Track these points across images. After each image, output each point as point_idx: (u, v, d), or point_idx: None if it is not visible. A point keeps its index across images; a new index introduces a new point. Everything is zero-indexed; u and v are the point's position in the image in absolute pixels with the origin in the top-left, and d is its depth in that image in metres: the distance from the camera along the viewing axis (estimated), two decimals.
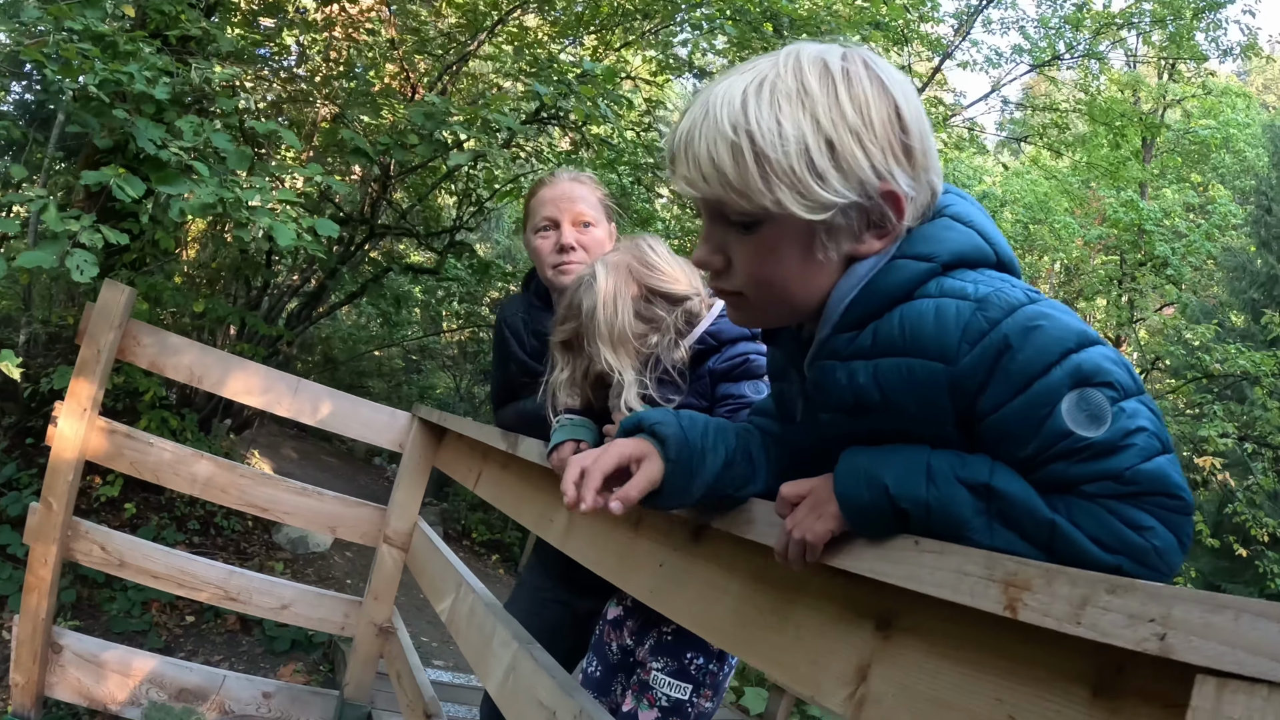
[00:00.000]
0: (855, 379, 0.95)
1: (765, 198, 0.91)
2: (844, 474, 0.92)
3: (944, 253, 0.95)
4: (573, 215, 2.11)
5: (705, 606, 1.26)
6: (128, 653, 3.21)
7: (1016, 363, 0.84)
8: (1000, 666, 0.82)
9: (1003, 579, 0.76)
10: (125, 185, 2.79)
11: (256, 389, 3.31)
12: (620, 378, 1.60)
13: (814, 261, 0.96)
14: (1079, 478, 0.82)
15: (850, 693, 0.97)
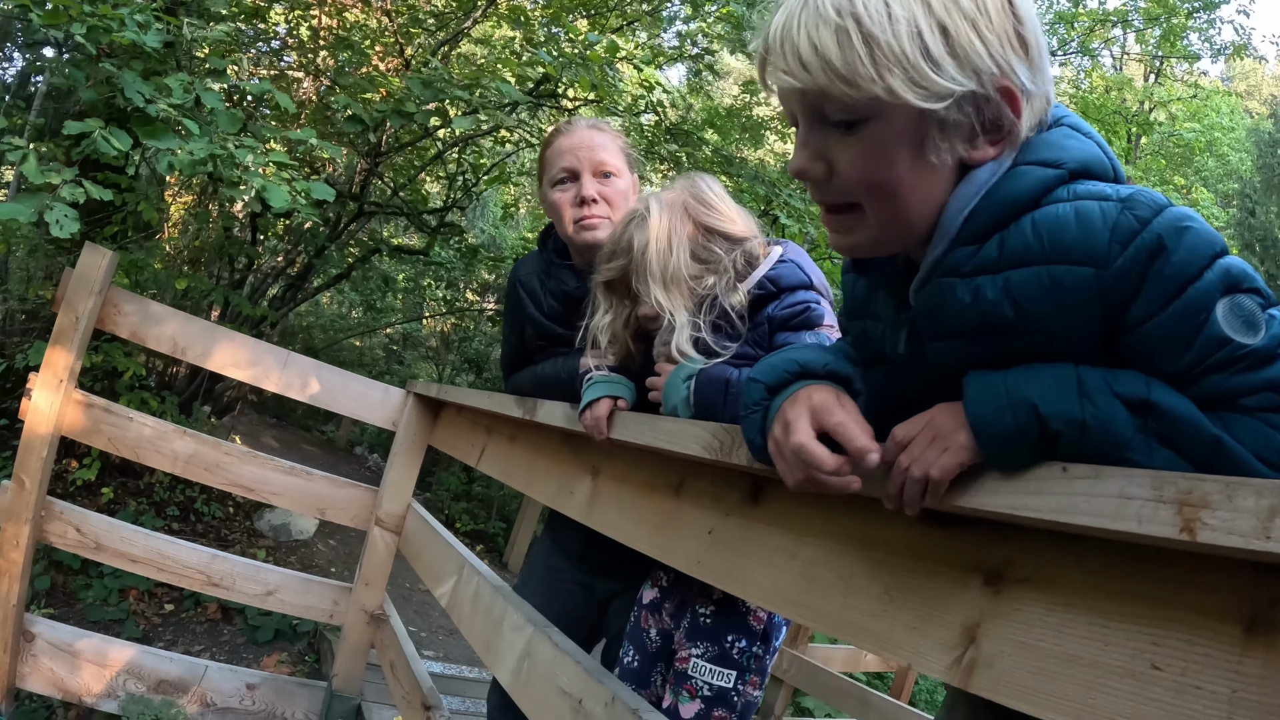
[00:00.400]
0: (982, 296, 0.85)
1: (876, 85, 0.83)
2: (979, 396, 0.79)
3: (1070, 160, 0.87)
4: (593, 165, 1.95)
5: (769, 574, 1.12)
6: (104, 642, 3.03)
7: (1171, 265, 0.77)
8: (1141, 614, 0.73)
9: (1176, 498, 0.66)
10: (110, 138, 2.61)
11: (244, 361, 3.14)
12: (671, 319, 1.47)
13: (926, 164, 0.87)
14: (1238, 389, 0.76)
15: (957, 657, 0.85)
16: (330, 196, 3.01)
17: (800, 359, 0.98)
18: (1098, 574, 0.77)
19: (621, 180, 1.98)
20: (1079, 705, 0.75)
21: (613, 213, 1.93)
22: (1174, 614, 0.71)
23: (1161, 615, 0.72)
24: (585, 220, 1.93)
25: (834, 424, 0.89)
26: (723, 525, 1.25)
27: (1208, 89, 13.44)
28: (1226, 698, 0.66)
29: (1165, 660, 0.70)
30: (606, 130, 2.01)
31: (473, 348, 11.96)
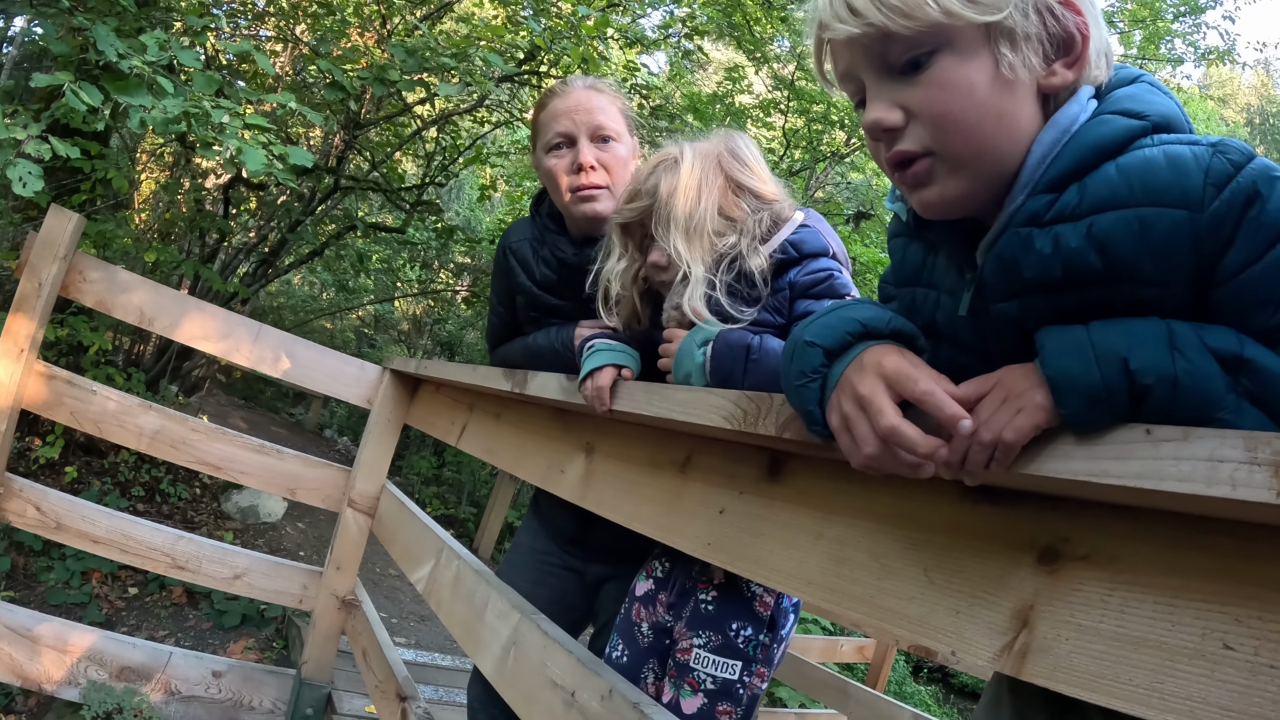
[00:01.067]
0: (1064, 244, 0.79)
1: (931, 9, 0.80)
2: (1059, 350, 0.72)
3: (1154, 113, 0.83)
4: (590, 129, 1.81)
5: (791, 556, 1.04)
6: (65, 626, 2.90)
7: (1267, 213, 0.72)
8: (1210, 590, 0.68)
9: (1273, 460, 0.59)
10: (80, 92, 2.47)
11: (214, 334, 3.02)
12: (687, 270, 1.39)
13: (1005, 83, 0.83)
14: None
15: (1008, 643, 0.79)
16: (309, 163, 2.89)
17: (861, 317, 0.87)
18: (1163, 549, 0.71)
19: (621, 145, 1.84)
20: (1146, 691, 0.69)
21: (612, 180, 1.81)
22: (1247, 590, 0.65)
23: (1233, 591, 0.66)
24: (582, 190, 1.80)
25: (921, 393, 0.77)
26: (736, 504, 1.17)
27: (1186, 94, 13.58)
28: None
29: (1238, 640, 0.65)
30: (605, 90, 1.87)
31: (445, 330, 11.82)
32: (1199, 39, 11.17)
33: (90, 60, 2.79)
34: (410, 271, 9.51)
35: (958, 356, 0.91)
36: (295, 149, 2.86)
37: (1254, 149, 0.76)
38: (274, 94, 3.09)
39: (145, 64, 2.76)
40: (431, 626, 5.12)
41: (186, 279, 5.79)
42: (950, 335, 0.92)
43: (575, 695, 1.35)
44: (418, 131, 6.54)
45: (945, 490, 0.87)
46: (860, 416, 0.81)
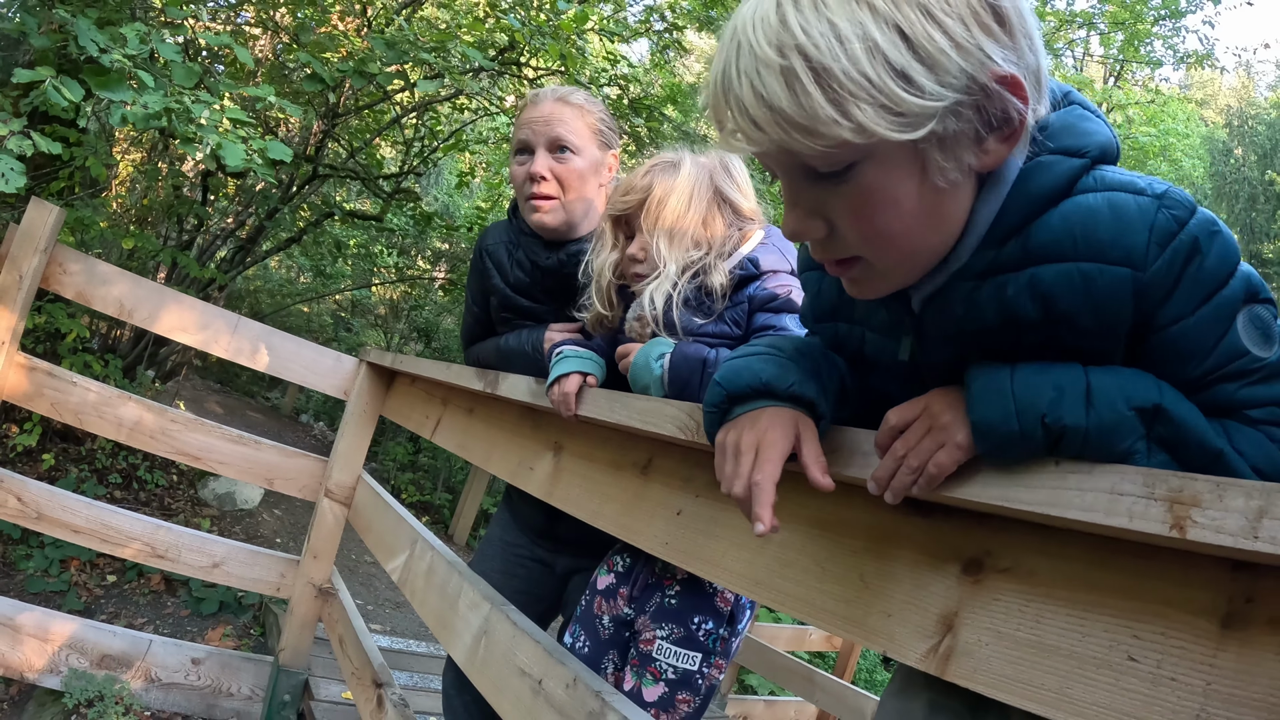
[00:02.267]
0: (1004, 295, 0.80)
1: (842, 127, 0.71)
2: (983, 395, 0.76)
3: (1093, 146, 0.81)
4: (549, 140, 1.86)
5: (741, 557, 1.11)
6: (46, 615, 2.93)
7: (1204, 270, 0.75)
8: (1120, 606, 0.74)
9: (1167, 496, 0.66)
10: (61, 88, 2.48)
11: (192, 325, 3.04)
12: (662, 269, 1.48)
13: (935, 191, 0.77)
14: (1246, 401, 0.76)
15: (934, 645, 0.85)
16: (287, 157, 2.91)
17: (765, 376, 0.93)
18: (1078, 566, 0.78)
19: (580, 158, 1.88)
20: (1056, 695, 0.75)
21: (564, 194, 1.87)
22: (1152, 607, 0.72)
23: (1139, 608, 0.73)
24: (533, 199, 1.87)
25: (755, 481, 0.87)
26: (693, 506, 1.24)
27: (1166, 95, 13.74)
28: (1201, 690, 0.67)
29: (1142, 652, 0.71)
30: (574, 104, 1.91)
31: (422, 316, 11.81)
32: (1178, 43, 11.32)
33: (71, 53, 2.79)
34: (387, 258, 9.48)
35: (887, 385, 0.96)
36: (274, 143, 2.88)
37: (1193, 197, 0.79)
38: (253, 87, 3.10)
39: (126, 57, 2.77)
40: (406, 613, 5.17)
41: (164, 265, 5.77)
42: (879, 365, 0.96)
43: (542, 683, 1.42)
44: (397, 119, 6.53)
45: (882, 502, 0.94)
46: (732, 461, 0.90)
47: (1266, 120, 19.95)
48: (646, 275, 1.54)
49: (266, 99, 3.12)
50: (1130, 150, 14.23)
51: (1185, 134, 15.04)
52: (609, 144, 1.96)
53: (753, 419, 0.92)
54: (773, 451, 0.88)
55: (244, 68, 4.96)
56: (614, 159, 1.98)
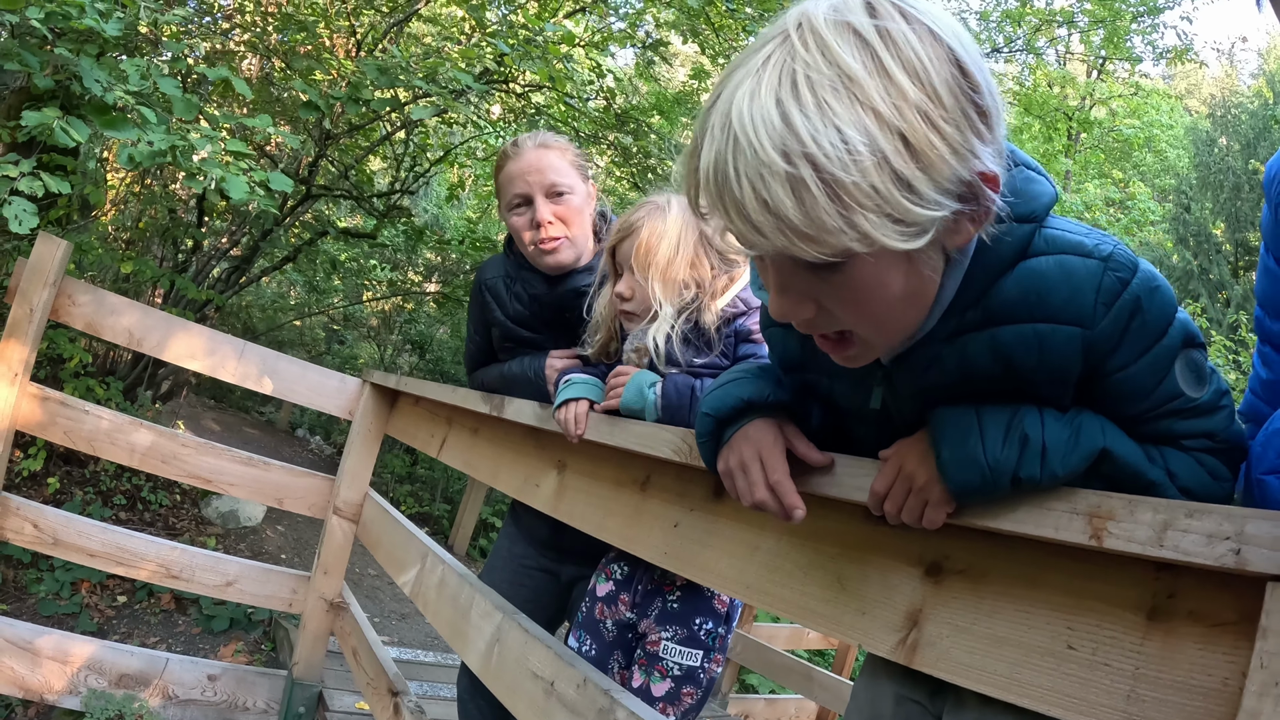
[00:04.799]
0: (966, 354, 0.89)
1: (847, 236, 0.71)
2: (956, 463, 0.85)
3: (1041, 209, 0.88)
4: (544, 187, 1.98)
5: (733, 564, 1.24)
6: (64, 638, 3.02)
7: (1146, 324, 0.84)
8: (1059, 602, 0.85)
9: (1087, 511, 0.79)
10: (69, 129, 2.59)
11: (201, 352, 3.15)
12: (658, 309, 1.59)
13: (920, 278, 0.82)
14: (1181, 433, 0.88)
15: (902, 638, 0.97)
16: (289, 188, 3.02)
17: (745, 395, 1.05)
18: (1023, 568, 0.90)
19: (575, 196, 2.01)
20: (1007, 679, 0.87)
21: (569, 230, 1.99)
22: (1086, 603, 0.84)
23: (1076, 604, 0.84)
24: (545, 244, 1.99)
25: (774, 482, 1.00)
26: (688, 519, 1.36)
27: (1148, 89, 13.92)
28: (1130, 673, 0.78)
29: (1079, 641, 0.83)
30: (554, 146, 2.03)
31: (415, 329, 11.90)
32: (1157, 39, 11.51)
33: (74, 92, 2.89)
34: (380, 273, 9.56)
35: (858, 428, 1.08)
36: (276, 174, 2.99)
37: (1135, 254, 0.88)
38: (252, 118, 3.20)
39: (128, 93, 2.87)
40: (413, 624, 5.27)
41: (161, 288, 5.86)
42: (850, 412, 1.07)
43: (554, 685, 1.53)
44: (386, 136, 6.64)
45: (855, 512, 1.06)
46: (742, 476, 1.03)
47: (1249, 109, 20.16)
48: (633, 313, 1.66)
49: (265, 129, 3.23)
50: (1115, 143, 14.43)
51: (1169, 125, 15.23)
52: (588, 175, 2.09)
53: (744, 435, 1.05)
54: (775, 454, 1.02)
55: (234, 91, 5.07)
56: (593, 188, 2.11)
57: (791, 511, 1.00)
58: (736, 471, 1.04)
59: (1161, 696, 0.76)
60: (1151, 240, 13.98)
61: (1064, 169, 13.56)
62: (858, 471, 1.00)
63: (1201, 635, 0.75)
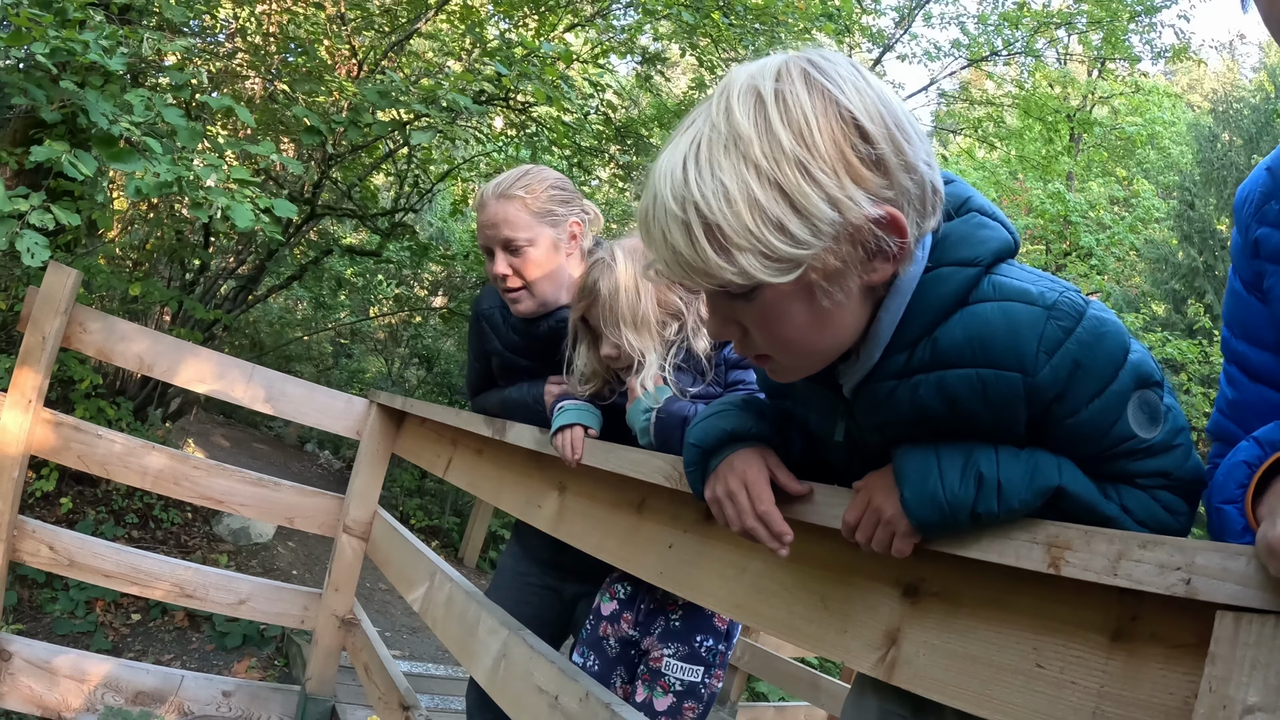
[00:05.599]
0: (917, 394, 0.93)
1: (728, 271, 0.84)
2: (918, 502, 0.91)
3: (986, 254, 0.93)
4: (500, 242, 2.01)
5: (724, 585, 1.29)
6: (81, 656, 3.09)
7: (1092, 372, 0.87)
8: (1027, 623, 0.90)
9: (1046, 541, 0.84)
10: (77, 162, 2.65)
11: (210, 376, 3.21)
12: (641, 360, 1.62)
13: (823, 310, 0.90)
14: (1136, 472, 0.91)
15: (881, 655, 1.02)
16: (293, 213, 3.08)
17: (728, 427, 1.12)
18: (994, 591, 0.95)
19: (533, 248, 2.01)
20: (979, 695, 0.92)
21: (530, 282, 2.03)
22: (1054, 624, 0.88)
23: (1044, 625, 0.89)
24: (506, 295, 2.05)
25: (762, 512, 1.06)
26: (681, 540, 1.41)
27: (1149, 86, 13.92)
28: (1096, 691, 0.83)
29: (1047, 660, 0.87)
30: (514, 196, 2.02)
31: (422, 343, 11.97)
32: (1155, 38, 11.53)
33: (81, 124, 2.96)
34: (386, 289, 9.63)
35: (830, 455, 1.14)
36: (280, 201, 3.05)
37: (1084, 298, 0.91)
38: (254, 145, 3.27)
39: (133, 125, 2.94)
40: (422, 638, 5.32)
41: (169, 309, 5.94)
42: (822, 442, 1.13)
43: (558, 699, 1.58)
44: (389, 154, 6.71)
45: (836, 535, 1.10)
46: (729, 504, 1.09)
47: (1251, 104, 20.14)
48: (626, 367, 1.69)
49: (269, 156, 3.29)
50: (1118, 141, 14.44)
51: (1171, 122, 15.22)
52: (562, 216, 2.07)
53: (728, 464, 1.12)
54: (760, 484, 1.08)
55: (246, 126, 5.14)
56: (574, 225, 2.09)
57: (781, 538, 1.06)
58: (724, 500, 1.10)
59: (1126, 713, 0.80)
60: (1156, 237, 13.97)
61: (1066, 169, 13.59)
62: (834, 500, 1.06)
63: (1163, 656, 0.79)
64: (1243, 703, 0.66)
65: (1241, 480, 0.84)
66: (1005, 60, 12.41)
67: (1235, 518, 0.84)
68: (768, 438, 1.12)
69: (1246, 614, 0.67)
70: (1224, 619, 0.69)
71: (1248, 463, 0.84)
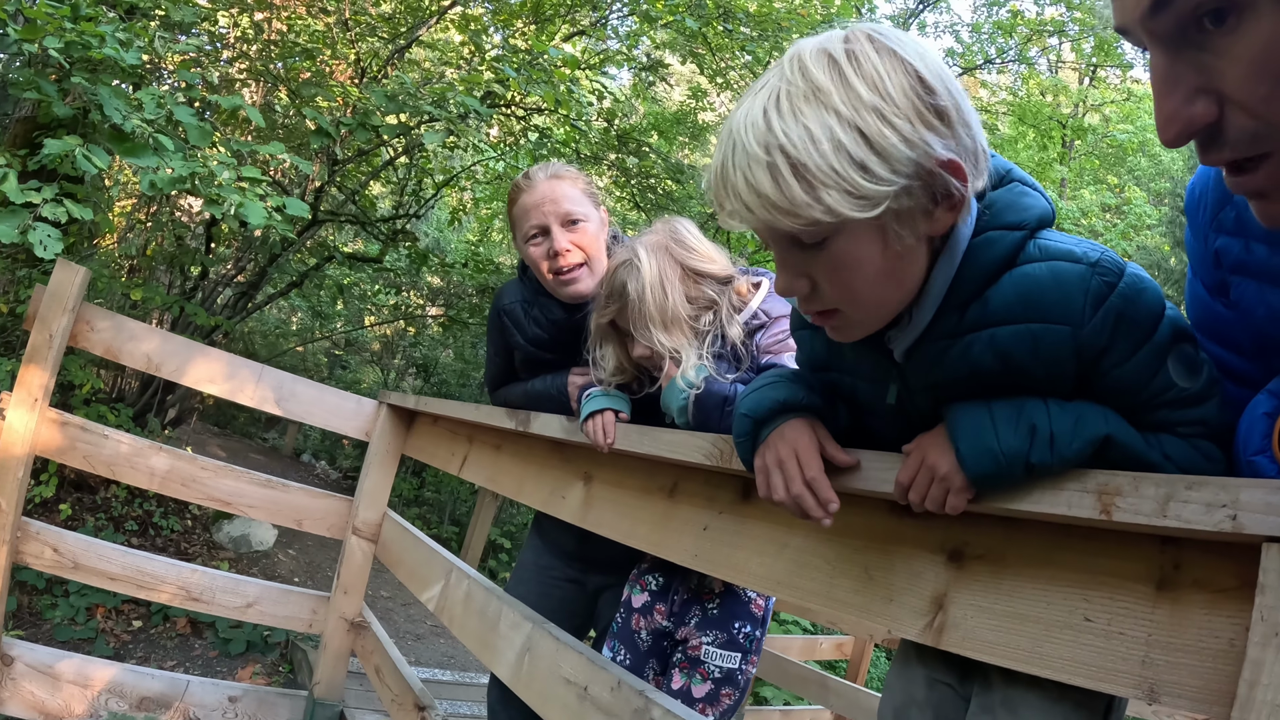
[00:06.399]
0: (970, 352, 0.97)
1: (815, 209, 0.88)
2: (974, 454, 0.93)
3: (1032, 219, 0.98)
4: (559, 216, 1.99)
5: (764, 562, 1.29)
6: (84, 661, 3.05)
7: (1135, 324, 0.92)
8: (1073, 578, 0.92)
9: (1096, 489, 0.85)
10: (90, 156, 2.65)
11: (220, 376, 3.20)
12: (675, 357, 1.62)
13: (895, 255, 0.94)
14: (1177, 421, 0.94)
15: (929, 621, 1.03)
16: (305, 213, 3.08)
17: (780, 397, 1.14)
18: (1038, 549, 0.96)
19: (590, 224, 2.02)
20: (1029, 653, 0.93)
21: (588, 257, 2.01)
22: (1099, 578, 0.90)
23: (1089, 579, 0.91)
24: (563, 275, 2.00)
25: (810, 478, 1.07)
26: (717, 522, 1.41)
27: (1141, 93, 14.04)
28: (1144, 640, 0.84)
29: (1095, 614, 0.89)
30: (566, 176, 2.04)
31: (420, 352, 11.96)
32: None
33: (93, 120, 2.97)
34: (384, 297, 9.63)
35: (876, 423, 1.15)
36: (292, 200, 3.05)
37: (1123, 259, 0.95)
38: (263, 144, 3.28)
39: (145, 121, 2.94)
40: (428, 644, 5.30)
41: (170, 314, 5.93)
42: (870, 409, 1.15)
43: (588, 689, 1.58)
44: (389, 161, 6.73)
45: (878, 507, 1.12)
46: (778, 473, 1.10)
47: None
48: (662, 362, 1.67)
49: (278, 155, 3.30)
50: (1109, 148, 14.54)
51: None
52: (599, 202, 2.10)
53: (779, 434, 1.13)
54: (810, 452, 1.10)
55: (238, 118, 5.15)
56: (605, 214, 2.11)
57: (827, 505, 1.07)
58: (773, 468, 1.11)
59: (1173, 660, 0.81)
60: (1149, 244, 14.06)
61: (1059, 176, 13.67)
62: (882, 465, 1.06)
63: (1206, 601, 0.81)
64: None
65: (1265, 431, 0.87)
66: (999, 68, 12.50)
67: (1268, 465, 0.87)
68: (818, 409, 1.14)
69: None
70: (1270, 550, 0.71)
71: (1268, 414, 0.87)
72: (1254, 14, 0.63)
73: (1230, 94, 0.67)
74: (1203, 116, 0.69)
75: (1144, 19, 0.69)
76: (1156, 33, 0.69)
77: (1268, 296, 0.92)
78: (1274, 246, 0.89)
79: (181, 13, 3.51)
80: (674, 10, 5.14)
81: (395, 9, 6.64)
